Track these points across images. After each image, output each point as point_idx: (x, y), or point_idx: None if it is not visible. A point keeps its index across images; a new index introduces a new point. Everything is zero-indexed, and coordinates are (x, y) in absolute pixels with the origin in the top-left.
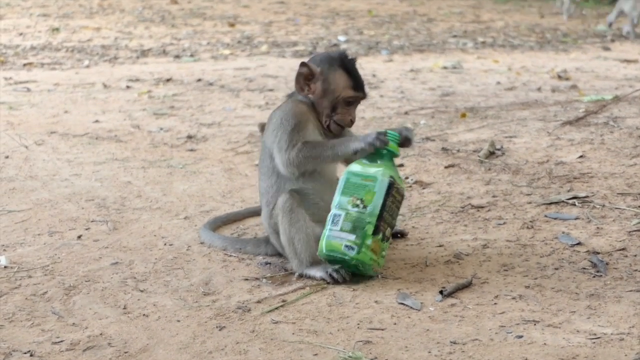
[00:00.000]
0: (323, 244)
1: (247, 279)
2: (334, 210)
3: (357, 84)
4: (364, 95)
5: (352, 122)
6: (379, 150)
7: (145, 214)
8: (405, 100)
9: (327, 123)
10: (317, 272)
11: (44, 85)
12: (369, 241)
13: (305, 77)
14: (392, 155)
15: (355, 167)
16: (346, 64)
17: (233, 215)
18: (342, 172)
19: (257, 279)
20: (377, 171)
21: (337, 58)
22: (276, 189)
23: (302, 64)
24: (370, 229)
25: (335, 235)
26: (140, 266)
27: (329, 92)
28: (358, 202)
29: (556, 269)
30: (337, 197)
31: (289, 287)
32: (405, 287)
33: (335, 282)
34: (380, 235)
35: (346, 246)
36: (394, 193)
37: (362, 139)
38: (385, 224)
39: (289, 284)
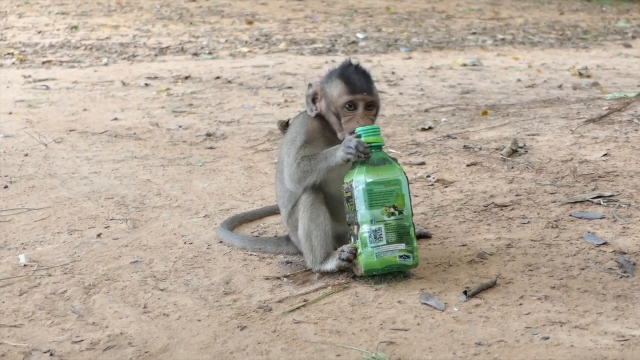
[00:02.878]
0: (374, 262)
1: (268, 278)
2: (368, 226)
3: (353, 87)
4: (362, 96)
5: (361, 125)
6: (370, 148)
7: (165, 212)
8: (425, 98)
9: (343, 136)
10: (330, 265)
11: (62, 83)
12: (415, 242)
13: (312, 97)
14: (380, 147)
15: (368, 176)
16: (344, 72)
17: (250, 214)
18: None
19: (278, 278)
20: (394, 173)
21: (337, 69)
22: (292, 194)
23: (309, 85)
24: (412, 230)
25: (385, 250)
26: (160, 265)
27: (330, 104)
28: (392, 210)
29: (582, 269)
30: (365, 212)
31: (311, 287)
32: (428, 287)
33: (348, 261)
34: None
35: (401, 257)
36: None
37: (342, 149)
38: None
39: (310, 284)
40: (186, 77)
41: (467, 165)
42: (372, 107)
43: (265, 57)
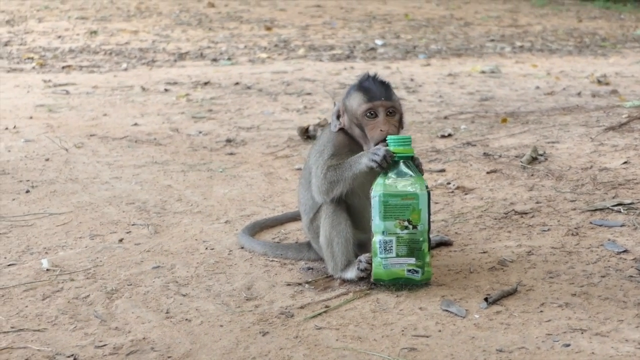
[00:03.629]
0: (381, 273)
1: (289, 284)
2: (380, 237)
3: (371, 95)
4: (381, 102)
5: (384, 132)
6: (398, 158)
7: (186, 217)
8: (444, 105)
9: (369, 148)
10: (350, 274)
11: (82, 88)
12: (428, 258)
13: (337, 115)
14: (410, 158)
15: (387, 187)
16: (362, 84)
17: (271, 221)
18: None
19: (299, 284)
20: (414, 187)
21: (356, 83)
22: (314, 203)
23: (334, 104)
24: (425, 246)
25: (394, 263)
26: (182, 270)
27: (352, 117)
28: (406, 223)
29: (603, 276)
30: (379, 223)
31: (332, 293)
32: (449, 293)
33: (366, 271)
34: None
35: (409, 271)
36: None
37: (367, 156)
38: (430, 231)
39: (331, 290)
40: (205, 83)
41: (487, 173)
42: (393, 113)
43: (284, 63)
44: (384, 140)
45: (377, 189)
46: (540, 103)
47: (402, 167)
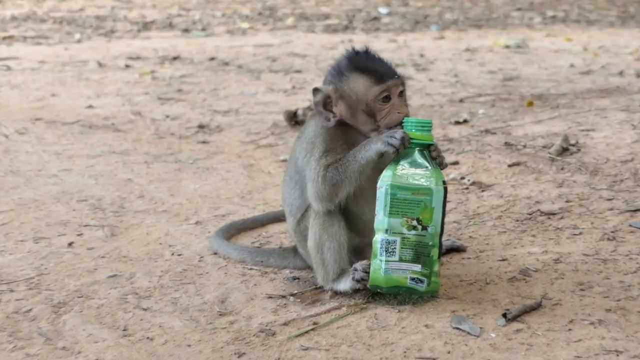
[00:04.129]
0: (380, 278)
1: (271, 297)
2: (382, 236)
3: (380, 74)
4: (394, 81)
5: (402, 114)
6: (414, 145)
7: (149, 217)
8: (459, 85)
9: (380, 134)
10: (344, 285)
11: (27, 63)
12: (436, 267)
13: (323, 103)
14: (428, 146)
15: (397, 177)
16: (357, 63)
17: (250, 221)
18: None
19: (283, 296)
20: (428, 181)
21: (345, 63)
22: (302, 202)
23: (314, 90)
24: (435, 252)
25: (395, 268)
26: (143, 280)
27: (355, 105)
28: (414, 222)
29: None
30: (383, 219)
31: (322, 307)
32: (461, 308)
33: (363, 281)
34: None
35: (412, 279)
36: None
37: (380, 139)
38: (442, 235)
39: (321, 303)
40: (175, 58)
41: (509, 166)
42: (403, 92)
43: (269, 34)
44: (400, 124)
45: (385, 179)
46: (574, 84)
47: (418, 156)
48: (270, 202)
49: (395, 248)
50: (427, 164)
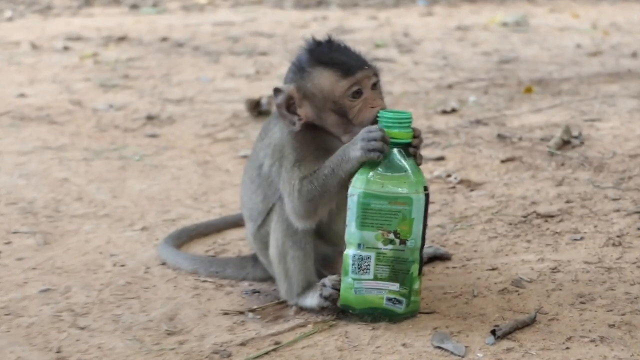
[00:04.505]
0: (351, 298)
1: (226, 313)
2: (354, 251)
3: (347, 66)
4: (366, 72)
5: (381, 107)
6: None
7: (88, 223)
8: (448, 69)
9: (349, 139)
10: (310, 300)
11: None
12: (417, 285)
13: (286, 105)
14: (407, 145)
15: (371, 184)
16: (318, 56)
17: (205, 227)
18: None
19: (240, 312)
20: (407, 187)
21: (305, 57)
22: (263, 207)
23: (275, 91)
24: (416, 269)
25: (370, 287)
26: (81, 295)
27: (322, 104)
28: (391, 236)
29: None
30: (355, 232)
31: (285, 325)
32: (444, 325)
33: (332, 299)
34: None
35: (389, 300)
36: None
37: (358, 147)
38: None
39: (284, 320)
40: (121, 38)
41: (502, 162)
42: (376, 84)
43: (230, 11)
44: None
45: (357, 185)
46: (579, 67)
47: (396, 157)
48: (228, 205)
49: (369, 265)
50: (407, 167)
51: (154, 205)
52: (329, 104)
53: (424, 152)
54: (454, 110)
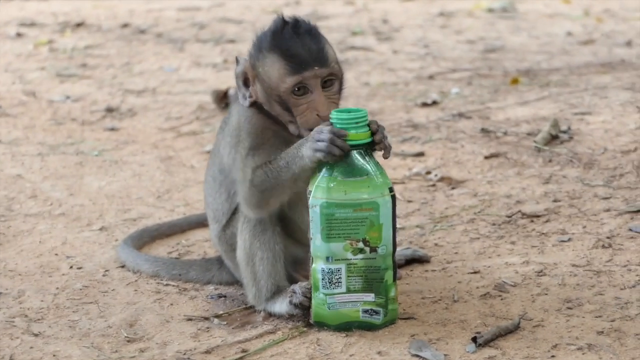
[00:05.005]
0: (325, 315)
1: (190, 319)
2: (323, 265)
3: (297, 61)
4: (314, 71)
5: (325, 116)
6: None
7: (43, 222)
8: (430, 59)
9: (297, 132)
10: (280, 306)
11: None
12: (393, 293)
13: (243, 78)
14: (368, 146)
15: (332, 192)
16: (278, 40)
17: (168, 227)
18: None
19: (205, 318)
20: (372, 191)
21: (266, 38)
22: (228, 207)
23: (236, 59)
24: (390, 275)
25: (344, 301)
26: (35, 299)
27: (270, 91)
28: (360, 245)
29: None
30: (321, 244)
31: (253, 331)
32: (422, 331)
33: (301, 307)
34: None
35: (366, 311)
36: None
37: (309, 144)
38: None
39: (251, 326)
40: (78, 24)
41: (486, 158)
42: (331, 82)
43: None
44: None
45: (318, 195)
46: (570, 56)
47: (355, 159)
48: (193, 204)
49: (340, 278)
50: (368, 169)
51: (113, 203)
52: (274, 96)
53: (403, 147)
54: (435, 103)
